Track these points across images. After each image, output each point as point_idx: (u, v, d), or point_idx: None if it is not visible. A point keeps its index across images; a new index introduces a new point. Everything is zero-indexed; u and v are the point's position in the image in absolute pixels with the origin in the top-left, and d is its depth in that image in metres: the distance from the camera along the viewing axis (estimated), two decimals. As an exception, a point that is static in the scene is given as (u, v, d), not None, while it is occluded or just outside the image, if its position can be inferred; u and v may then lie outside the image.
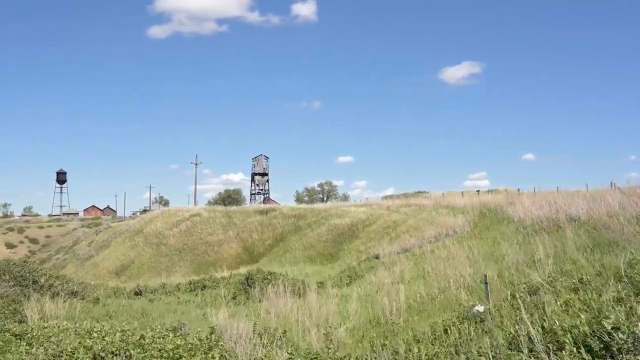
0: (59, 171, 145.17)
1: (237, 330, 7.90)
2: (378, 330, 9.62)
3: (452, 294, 10.56)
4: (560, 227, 14.00)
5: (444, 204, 33.51)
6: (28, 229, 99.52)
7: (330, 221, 40.36)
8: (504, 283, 9.68)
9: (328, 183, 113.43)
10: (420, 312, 10.25)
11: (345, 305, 12.18)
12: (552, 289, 7.54)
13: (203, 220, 53.30)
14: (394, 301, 10.65)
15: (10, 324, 10.32)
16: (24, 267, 17.72)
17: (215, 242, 48.76)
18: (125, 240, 55.21)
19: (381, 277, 15.14)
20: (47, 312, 11.50)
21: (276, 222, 48.64)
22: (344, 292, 15.32)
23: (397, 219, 33.36)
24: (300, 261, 34.27)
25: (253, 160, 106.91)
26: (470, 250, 14.66)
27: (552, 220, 15.18)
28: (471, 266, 12.31)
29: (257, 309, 13.81)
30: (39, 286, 15.88)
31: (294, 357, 6.77)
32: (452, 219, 23.75)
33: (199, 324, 11.33)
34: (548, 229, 14.55)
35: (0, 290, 14.49)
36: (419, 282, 13.28)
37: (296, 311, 11.48)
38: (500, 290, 9.08)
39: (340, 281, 19.43)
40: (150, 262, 47.28)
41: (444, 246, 17.52)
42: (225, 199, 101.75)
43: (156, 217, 59.60)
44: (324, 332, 8.67)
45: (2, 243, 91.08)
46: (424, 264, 15.68)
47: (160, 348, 7.35)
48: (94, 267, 51.14)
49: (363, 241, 32.44)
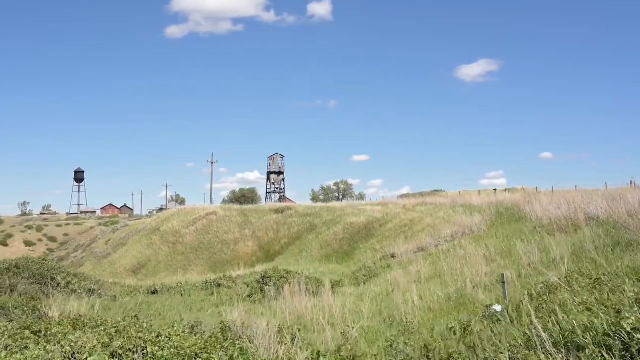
0: (77, 170, 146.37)
1: (254, 329, 7.92)
2: (394, 329, 9.59)
3: (469, 294, 10.51)
4: (578, 227, 13.87)
5: (461, 202, 33.31)
6: (47, 227, 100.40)
7: (346, 220, 40.28)
8: (522, 282, 9.62)
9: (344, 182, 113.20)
10: (436, 312, 10.21)
11: (360, 304, 12.16)
12: (570, 288, 7.47)
13: (219, 219, 53.50)
14: (409, 300, 10.63)
15: (30, 321, 10.43)
16: (43, 265, 17.89)
17: (231, 241, 48.90)
18: (142, 239, 55.57)
19: (397, 276, 15.10)
20: (66, 309, 11.60)
21: (292, 220, 48.67)
22: (360, 290, 15.30)
23: (413, 218, 33.23)
24: (316, 260, 34.26)
25: (269, 159, 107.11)
26: (487, 250, 14.58)
27: (571, 219, 15.04)
28: (488, 265, 12.25)
29: (273, 307, 13.84)
30: (57, 284, 16.05)
31: (315, 357, 6.77)
32: (468, 218, 23.62)
33: (216, 321, 11.37)
34: (566, 228, 14.42)
35: (20, 288, 14.66)
36: (435, 282, 13.23)
37: (312, 310, 11.49)
38: (517, 289, 9.01)
39: (356, 280, 19.41)
40: (166, 260, 47.56)
41: (461, 245, 17.43)
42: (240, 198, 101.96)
43: (172, 216, 59.91)
44: (340, 331, 8.67)
45: (21, 241, 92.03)
46: (440, 263, 15.61)
47: (177, 346, 7.39)
48: (111, 265, 51.54)
49: (379, 240, 32.35)
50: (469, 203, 31.51)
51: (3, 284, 14.56)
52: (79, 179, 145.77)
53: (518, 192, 34.25)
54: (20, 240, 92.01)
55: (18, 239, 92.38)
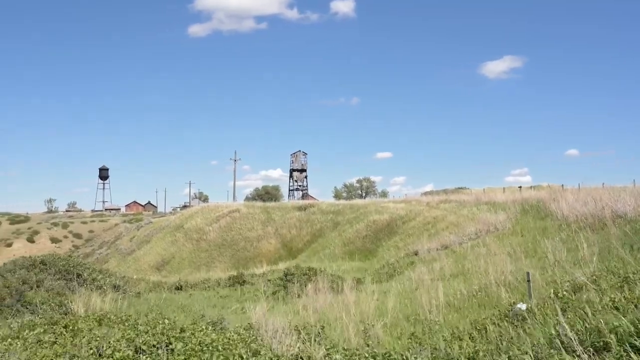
0: (102, 167, 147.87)
1: (275, 325, 7.93)
2: (417, 327, 9.53)
3: (493, 292, 10.39)
4: (605, 224, 13.65)
5: (485, 200, 33.00)
6: (72, 224, 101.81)
7: (369, 217, 40.20)
8: (547, 281, 9.48)
9: (366, 179, 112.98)
10: (460, 310, 10.11)
11: (383, 301, 12.10)
12: (597, 287, 7.34)
13: (242, 216, 53.78)
14: (433, 298, 10.54)
15: (56, 317, 10.58)
16: (69, 261, 18.13)
17: (254, 238, 49.13)
18: (165, 236, 56.09)
19: (420, 274, 15.00)
20: (91, 305, 11.74)
21: (315, 218, 48.72)
22: (383, 288, 15.25)
23: (437, 215, 33.02)
24: (338, 257, 34.26)
25: (291, 157, 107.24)
26: (512, 247, 14.42)
27: (597, 217, 14.81)
28: (512, 263, 12.10)
29: (295, 304, 13.85)
30: (83, 280, 16.25)
31: (332, 354, 6.75)
32: (493, 216, 23.40)
33: (238, 318, 11.42)
34: (593, 225, 14.20)
35: (46, 284, 14.88)
36: (458, 279, 13.12)
37: (334, 307, 11.47)
38: (542, 288, 8.89)
39: (378, 277, 19.35)
40: (190, 257, 47.96)
41: (485, 243, 17.28)
42: (264, 195, 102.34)
43: (196, 213, 60.38)
44: (362, 329, 8.64)
45: (47, 238, 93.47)
46: (464, 260, 15.49)
47: (200, 341, 7.43)
48: (136, 261, 52.12)
49: (402, 237, 32.22)
50: (493, 200, 31.21)
51: (30, 279, 14.79)
52: (103, 177, 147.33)
53: (543, 190, 33.79)
54: (46, 237, 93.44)
55: (44, 236, 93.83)
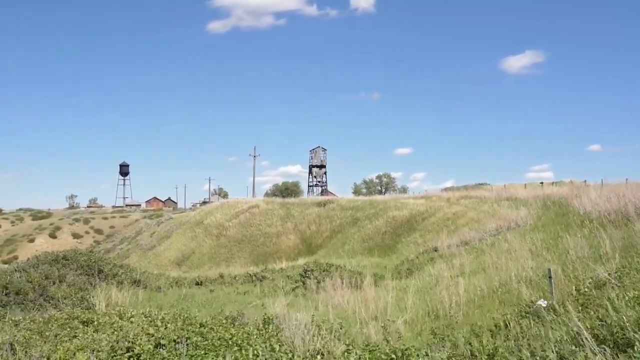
0: (122, 163, 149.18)
1: (295, 321, 7.93)
2: (437, 323, 9.49)
3: (514, 288, 10.30)
4: (629, 221, 13.45)
5: (506, 196, 32.70)
6: (93, 220, 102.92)
7: (388, 213, 40.07)
8: (568, 277, 9.37)
9: (386, 175, 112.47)
10: (480, 306, 10.05)
11: (403, 297, 12.06)
12: (619, 283, 7.25)
13: (261, 212, 53.92)
14: (453, 294, 10.48)
15: (78, 311, 10.71)
16: (90, 256, 18.33)
17: (274, 234, 49.24)
18: (185, 231, 56.45)
19: (440, 270, 14.93)
20: (112, 299, 11.86)
21: (334, 214, 48.68)
22: (402, 284, 15.19)
23: (457, 212, 32.81)
24: (358, 253, 34.20)
25: (310, 152, 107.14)
26: (533, 244, 14.28)
27: (620, 213, 14.59)
28: (533, 260, 11.99)
29: (314, 300, 13.86)
30: (104, 275, 16.42)
31: (352, 349, 6.74)
32: (514, 212, 23.18)
33: (258, 313, 11.45)
34: (616, 222, 14.00)
35: (68, 279, 15.06)
36: (478, 276, 13.03)
37: (353, 303, 11.45)
38: (564, 284, 8.79)
39: (398, 273, 19.29)
40: (210, 252, 48.21)
41: (506, 239, 17.12)
42: (283, 191, 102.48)
43: (216, 209, 60.67)
44: (382, 325, 8.62)
45: (69, 233, 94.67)
46: (484, 257, 15.37)
47: (219, 336, 7.47)
48: (156, 257, 52.53)
49: (421, 234, 32.06)
50: (514, 196, 30.92)
51: (52, 274, 14.97)
52: (124, 173, 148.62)
53: (566, 186, 33.40)
54: (68, 233, 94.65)
55: (66, 231, 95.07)
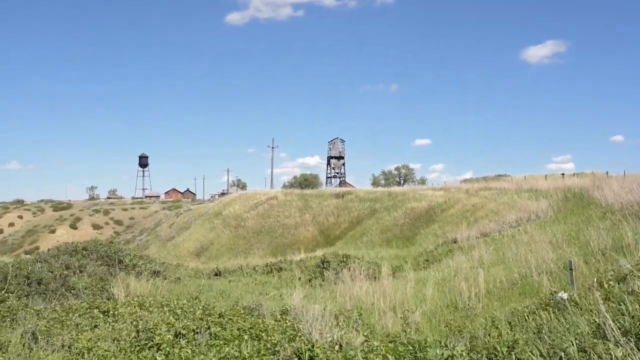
0: (141, 155, 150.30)
1: (313, 312, 7.93)
2: (455, 315, 9.43)
3: (534, 280, 10.21)
4: (652, 212, 13.27)
5: (526, 187, 32.40)
6: (113, 211, 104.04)
7: (407, 205, 39.94)
8: (590, 270, 9.26)
9: (405, 166, 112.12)
10: (499, 298, 9.97)
11: (421, 289, 12.01)
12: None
13: (280, 203, 54.04)
14: (472, 286, 10.41)
15: (99, 301, 10.82)
16: (110, 247, 18.48)
17: (292, 225, 49.34)
18: (204, 223, 56.78)
19: (459, 262, 14.84)
20: (132, 289, 11.96)
21: (352, 205, 48.62)
22: (421, 276, 15.13)
23: (476, 203, 32.59)
24: (376, 245, 34.14)
25: (329, 144, 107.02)
26: (554, 236, 14.14)
27: (644, 204, 14.39)
28: (554, 252, 11.86)
29: (332, 291, 13.86)
30: (124, 265, 16.55)
31: (371, 340, 6.72)
32: (534, 203, 22.96)
33: (276, 304, 11.47)
34: (639, 214, 13.80)
35: (89, 269, 15.22)
36: (498, 268, 12.93)
37: (372, 294, 11.42)
38: (585, 277, 8.69)
39: (416, 265, 19.22)
40: (228, 243, 48.47)
41: (526, 231, 16.98)
42: (301, 183, 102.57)
43: (234, 200, 60.94)
44: (401, 316, 8.58)
45: (89, 224, 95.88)
46: (503, 249, 15.25)
47: (238, 327, 7.49)
48: (175, 248, 52.94)
49: (440, 225, 31.92)
50: (534, 188, 30.63)
51: (73, 265, 15.14)
52: (143, 164, 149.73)
53: (587, 177, 33.00)
54: (88, 224, 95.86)
55: (86, 222, 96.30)
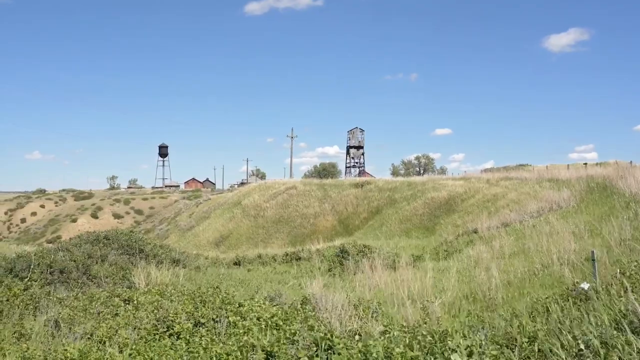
0: (161, 145, 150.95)
1: (333, 301, 7.93)
2: (475, 305, 9.37)
3: (555, 271, 10.10)
4: (677, 202, 13.04)
5: (548, 177, 32.06)
6: (133, 201, 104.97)
7: (427, 195, 39.77)
8: (612, 260, 9.13)
9: (425, 156, 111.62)
10: (520, 289, 9.88)
11: (441, 279, 11.96)
12: (668, 267, 7.02)
13: (299, 193, 54.09)
14: (492, 276, 10.34)
15: (120, 290, 10.94)
16: (131, 236, 18.64)
17: (311, 215, 49.37)
18: (224, 212, 57.05)
19: (479, 252, 14.75)
20: (152, 278, 12.07)
21: (371, 195, 48.52)
22: (440, 266, 15.07)
23: (497, 193, 32.35)
24: (395, 235, 34.09)
25: (348, 133, 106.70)
26: (576, 226, 13.96)
27: (668, 194, 14.15)
28: (576, 242, 11.72)
29: (351, 281, 13.86)
30: (145, 255, 16.69)
31: (390, 330, 6.69)
32: (556, 193, 22.71)
33: (295, 293, 11.50)
34: (663, 204, 13.58)
35: (110, 258, 15.38)
36: (519, 258, 12.82)
37: (391, 284, 11.40)
38: (608, 267, 8.57)
39: (436, 255, 19.15)
40: (248, 233, 48.67)
41: (547, 221, 16.79)
42: (320, 172, 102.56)
43: (253, 190, 61.13)
44: (420, 306, 8.55)
45: (110, 214, 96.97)
46: (524, 239, 15.12)
47: (258, 316, 7.51)
48: (195, 237, 53.28)
49: (460, 215, 31.76)
50: (556, 177, 30.30)
51: (94, 254, 15.31)
52: (163, 154, 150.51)
53: (610, 166, 32.51)
54: (109, 213, 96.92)
55: (107, 212, 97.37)
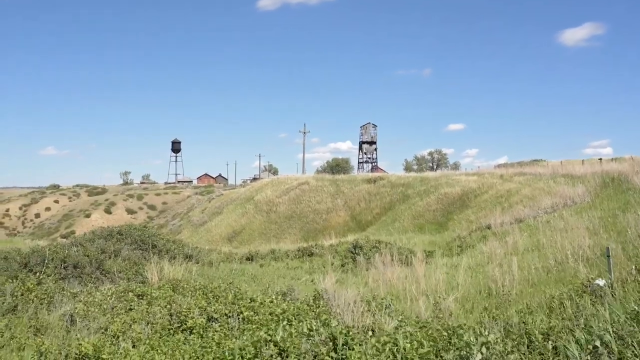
0: (174, 140, 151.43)
1: (345, 297, 7.92)
2: (489, 301, 9.33)
3: (570, 267, 10.02)
4: (693, 198, 12.89)
5: (562, 172, 31.83)
6: (146, 196, 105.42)
7: (440, 190, 39.63)
8: (628, 256, 9.05)
9: (438, 151, 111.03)
10: (534, 285, 9.82)
11: (454, 275, 11.91)
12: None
13: (311, 189, 54.07)
14: (506, 272, 10.28)
15: (133, 285, 10.99)
16: (144, 231, 18.69)
17: (323, 210, 49.36)
18: (236, 208, 57.17)
19: (492, 248, 14.67)
20: (166, 273, 12.11)
21: (384, 190, 48.40)
22: (453, 261, 15.01)
23: (511, 188, 32.17)
24: (408, 230, 33.99)
25: (361, 129, 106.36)
26: (591, 222, 13.85)
27: (685, 190, 14.00)
28: (591, 238, 11.62)
29: (364, 276, 13.84)
30: (158, 250, 16.74)
31: (404, 325, 6.68)
32: (570, 189, 22.53)
33: (308, 289, 11.50)
34: (680, 199, 13.44)
35: (123, 253, 15.45)
36: (533, 254, 12.74)
37: (404, 280, 11.37)
38: (623, 263, 8.49)
39: (449, 251, 19.08)
40: (260, 228, 48.75)
41: (561, 217, 16.68)
42: (333, 168, 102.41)
43: (266, 185, 61.20)
44: (433, 302, 8.52)
45: (123, 209, 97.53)
46: (538, 235, 15.02)
47: (270, 312, 7.52)
48: (207, 232, 53.46)
49: (474, 211, 31.61)
50: (571, 173, 30.06)
51: (108, 249, 15.39)
52: (176, 150, 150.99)
53: (626, 162, 32.16)
54: (122, 208, 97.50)
55: (120, 207, 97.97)
